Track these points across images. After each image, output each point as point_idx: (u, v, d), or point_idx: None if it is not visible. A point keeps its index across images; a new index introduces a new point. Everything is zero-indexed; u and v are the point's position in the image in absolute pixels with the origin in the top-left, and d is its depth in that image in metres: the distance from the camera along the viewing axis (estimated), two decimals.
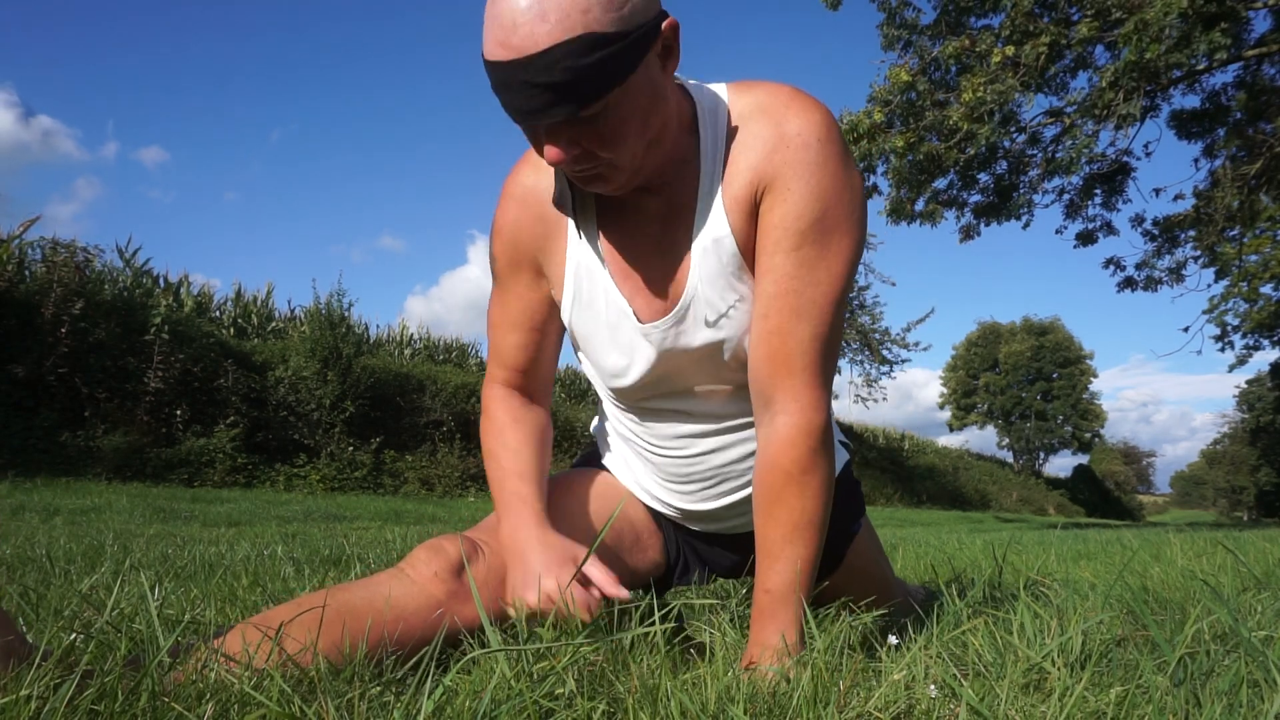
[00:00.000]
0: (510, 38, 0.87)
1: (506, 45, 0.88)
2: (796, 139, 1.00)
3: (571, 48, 0.86)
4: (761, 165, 1.01)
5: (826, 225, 1.00)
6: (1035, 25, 9.04)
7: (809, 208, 1.00)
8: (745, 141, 1.03)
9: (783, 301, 1.01)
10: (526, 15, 0.86)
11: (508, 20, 0.87)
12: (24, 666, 0.79)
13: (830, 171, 1.00)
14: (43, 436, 7.77)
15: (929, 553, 3.49)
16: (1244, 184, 10.97)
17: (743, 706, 0.80)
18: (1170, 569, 2.06)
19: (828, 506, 1.05)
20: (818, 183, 0.99)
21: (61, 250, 8.77)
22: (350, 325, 11.62)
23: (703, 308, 1.07)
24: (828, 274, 1.01)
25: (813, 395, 1.03)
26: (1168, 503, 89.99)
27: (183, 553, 2.57)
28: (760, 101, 1.04)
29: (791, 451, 1.02)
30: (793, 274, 1.01)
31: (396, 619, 1.00)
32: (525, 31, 0.86)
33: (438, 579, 1.05)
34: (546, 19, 0.86)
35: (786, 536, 1.03)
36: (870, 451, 23.12)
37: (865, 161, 10.26)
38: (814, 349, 1.02)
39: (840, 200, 1.01)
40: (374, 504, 8.39)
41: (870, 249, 16.96)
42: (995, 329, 49.03)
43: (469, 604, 1.06)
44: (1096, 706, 0.82)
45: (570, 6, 0.86)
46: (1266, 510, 41.45)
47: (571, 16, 0.86)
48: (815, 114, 1.01)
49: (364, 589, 1.03)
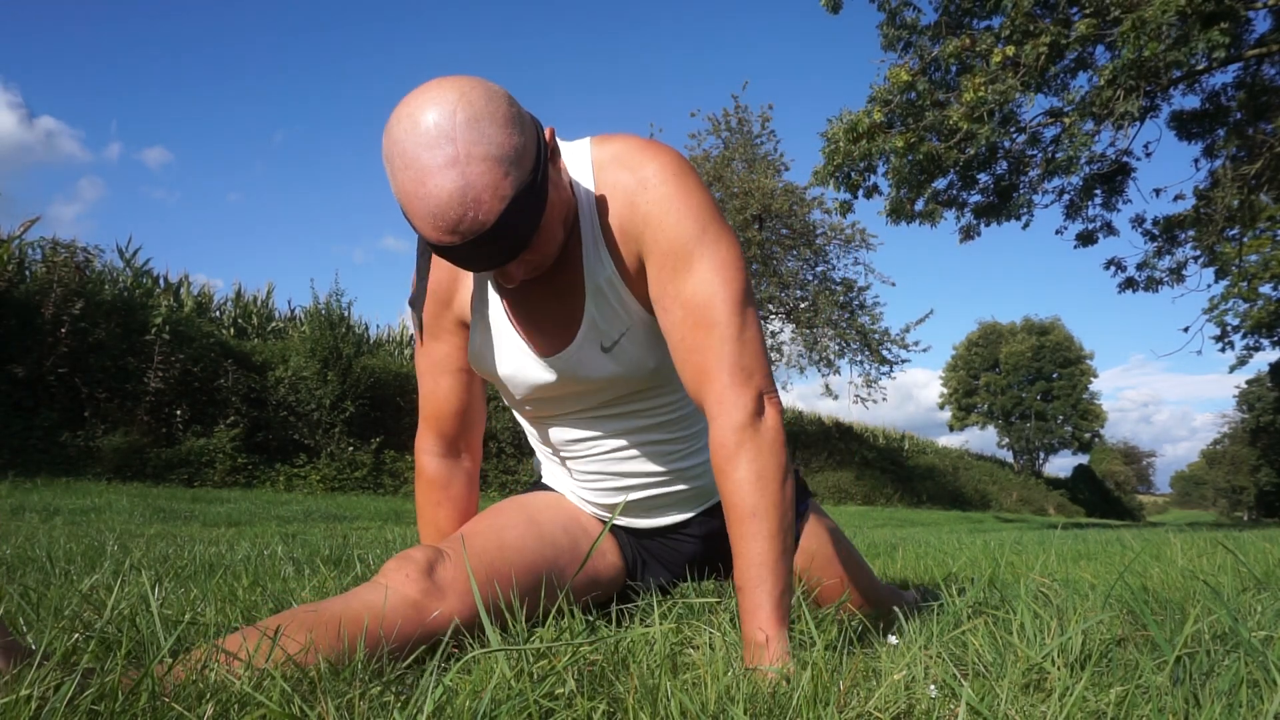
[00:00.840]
0: (456, 226, 0.94)
1: (453, 233, 0.95)
2: (654, 179, 1.11)
3: (508, 214, 0.95)
4: (631, 213, 1.12)
5: (706, 238, 1.10)
6: (1035, 25, 9.04)
7: (685, 229, 1.09)
8: (612, 190, 1.13)
9: (692, 320, 1.10)
10: (461, 204, 0.93)
11: (444, 212, 0.93)
12: (24, 666, 0.79)
13: (692, 193, 1.10)
14: (43, 436, 7.77)
15: (929, 553, 3.49)
16: (1244, 184, 10.97)
17: (743, 706, 0.80)
18: (1170, 569, 2.06)
19: (774, 496, 1.06)
20: (684, 207, 1.10)
21: (61, 250, 8.77)
22: (350, 325, 11.61)
23: (597, 337, 1.19)
24: (721, 280, 1.09)
25: (734, 394, 1.08)
26: (1168, 503, 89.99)
27: (183, 553, 2.57)
28: (617, 153, 1.15)
29: (720, 451, 1.08)
30: (693, 292, 1.10)
31: (375, 618, 1.03)
32: (470, 218, 0.94)
33: (409, 580, 1.09)
34: (481, 202, 0.94)
35: (736, 531, 1.07)
36: (870, 452, 23.10)
37: (865, 161, 10.26)
38: (727, 351, 1.09)
39: (709, 212, 1.11)
40: (374, 504, 8.39)
41: (870, 249, 16.96)
42: (996, 329, 49.01)
43: (443, 600, 1.10)
44: (1096, 706, 0.82)
45: (493, 179, 0.94)
46: (1266, 510, 41.44)
47: (500, 189, 0.94)
48: (665, 155, 1.12)
49: (341, 600, 1.06)
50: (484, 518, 1.30)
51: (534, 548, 1.26)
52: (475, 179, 0.92)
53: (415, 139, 0.93)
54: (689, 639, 1.16)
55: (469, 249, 0.96)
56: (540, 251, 1.05)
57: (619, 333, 1.18)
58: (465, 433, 1.37)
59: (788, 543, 1.06)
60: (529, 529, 1.29)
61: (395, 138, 0.94)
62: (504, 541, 1.23)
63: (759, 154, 16.47)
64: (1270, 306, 15.59)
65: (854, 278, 17.03)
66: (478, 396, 1.36)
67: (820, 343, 17.05)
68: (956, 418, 48.56)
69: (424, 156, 0.92)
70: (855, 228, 16.61)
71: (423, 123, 0.93)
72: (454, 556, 1.15)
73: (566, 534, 1.34)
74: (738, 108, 16.46)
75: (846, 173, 10.47)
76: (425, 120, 0.92)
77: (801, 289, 16.82)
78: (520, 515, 1.32)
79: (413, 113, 0.93)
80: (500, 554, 1.20)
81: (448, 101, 0.93)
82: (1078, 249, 12.60)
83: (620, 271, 1.15)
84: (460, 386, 1.32)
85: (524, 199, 0.96)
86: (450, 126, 0.92)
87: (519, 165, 0.95)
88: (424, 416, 1.37)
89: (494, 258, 0.99)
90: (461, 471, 1.39)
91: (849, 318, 16.92)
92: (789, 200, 16.07)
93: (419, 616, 1.07)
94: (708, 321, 1.09)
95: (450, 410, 1.34)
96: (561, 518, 1.37)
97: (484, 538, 1.22)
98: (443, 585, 1.11)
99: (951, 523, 14.94)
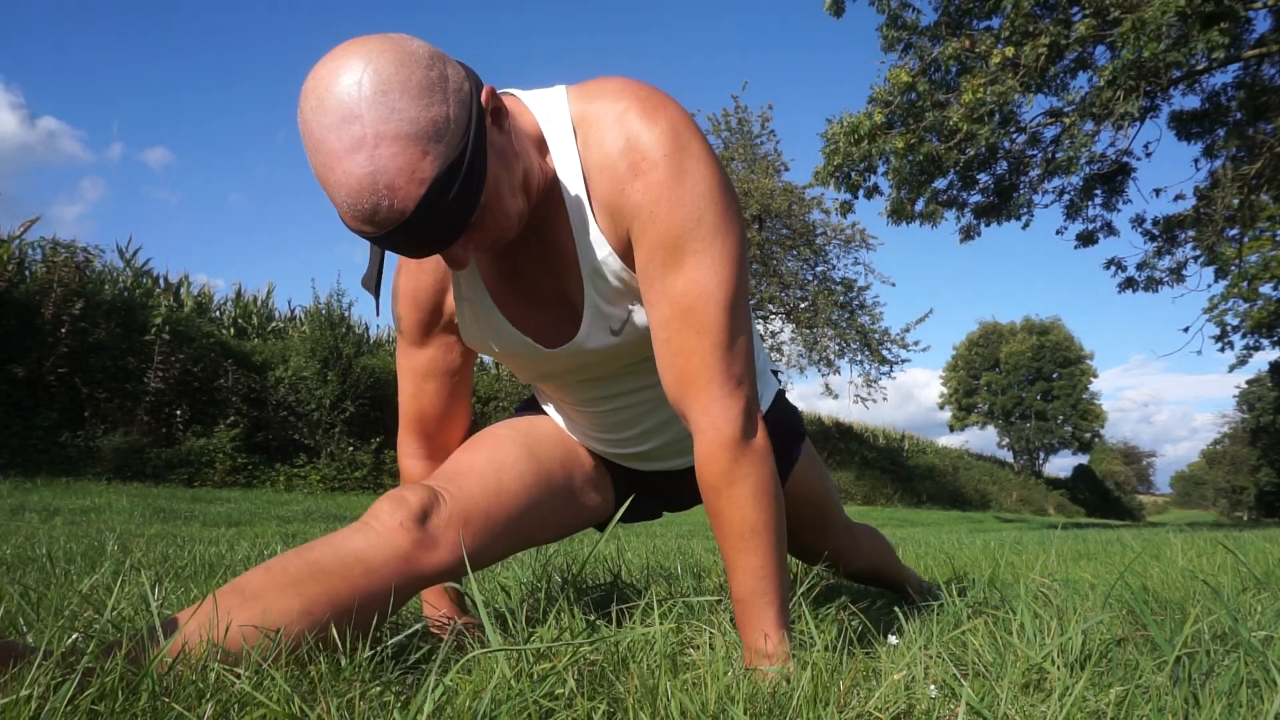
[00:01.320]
0: (372, 217, 0.85)
1: (371, 222, 0.85)
2: (645, 162, 0.97)
3: (431, 197, 0.85)
4: (620, 198, 0.99)
5: (702, 233, 0.98)
6: (1035, 26, 9.04)
7: (678, 223, 0.97)
8: (599, 162, 1.00)
9: (680, 321, 1.00)
10: (374, 192, 0.83)
11: (357, 201, 0.84)
12: (24, 665, 0.79)
13: (689, 179, 0.97)
14: (43, 436, 7.77)
15: (929, 553, 3.49)
16: (1244, 184, 10.97)
17: (743, 706, 0.80)
18: (1170, 569, 2.06)
19: (770, 509, 1.03)
20: (678, 197, 0.97)
21: (61, 250, 8.77)
22: (350, 325, 11.62)
23: (604, 322, 1.09)
24: (715, 280, 0.99)
25: (721, 407, 1.01)
26: (1168, 503, 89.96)
27: (183, 553, 2.57)
28: (602, 115, 1.00)
29: (713, 467, 1.03)
30: (683, 291, 0.99)
31: (365, 572, 1.01)
32: (386, 207, 0.84)
33: (402, 529, 1.05)
34: (395, 189, 0.83)
35: (734, 547, 1.04)
36: (870, 451, 23.10)
37: (866, 162, 10.26)
38: (716, 359, 1.00)
39: (709, 204, 0.98)
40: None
41: (870, 249, 16.96)
42: (996, 329, 49.01)
43: (435, 552, 1.07)
44: (1096, 706, 0.82)
45: (408, 160, 0.83)
46: (1266, 510, 41.44)
47: (417, 171, 0.83)
48: (660, 123, 0.97)
49: (330, 546, 1.03)
50: (484, 447, 1.24)
51: (531, 489, 1.22)
52: (386, 162, 0.82)
53: (321, 118, 0.82)
54: (689, 639, 1.16)
55: (391, 238, 0.87)
56: (492, 229, 0.94)
57: (626, 311, 1.09)
58: (449, 433, 1.32)
59: (784, 550, 1.06)
60: (528, 466, 1.24)
61: (304, 116, 0.84)
62: (501, 484, 1.18)
63: (759, 154, 16.48)
64: (1270, 306, 15.59)
65: (854, 278, 17.05)
66: (463, 398, 1.30)
67: (820, 343, 17.05)
68: (957, 418, 48.54)
69: (330, 139, 0.82)
70: (855, 228, 16.63)
71: (327, 99, 0.82)
72: (449, 502, 1.11)
73: (563, 469, 1.30)
74: (738, 108, 16.48)
75: (847, 173, 10.47)
76: (329, 95, 0.82)
77: (801, 289, 16.82)
78: (520, 448, 1.26)
79: (317, 86, 0.82)
80: (497, 499, 1.17)
81: (352, 71, 0.81)
82: (1078, 249, 12.62)
83: (616, 249, 1.04)
84: (446, 390, 1.27)
85: (449, 178, 0.85)
86: (355, 102, 0.81)
87: (441, 140, 0.84)
88: (406, 419, 1.31)
89: (425, 245, 0.89)
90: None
91: (849, 318, 16.92)
92: (788, 200, 16.08)
93: (410, 570, 1.04)
94: (698, 325, 0.99)
95: (434, 414, 1.29)
96: (559, 452, 1.31)
97: (482, 477, 1.18)
98: (435, 534, 1.07)
99: (951, 523, 14.94)
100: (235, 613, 0.92)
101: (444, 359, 1.24)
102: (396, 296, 1.21)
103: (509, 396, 12.29)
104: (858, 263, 17.06)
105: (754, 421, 1.04)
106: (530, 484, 1.22)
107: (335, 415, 10.42)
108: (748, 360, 1.04)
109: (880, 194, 11.00)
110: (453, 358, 1.25)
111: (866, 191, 10.86)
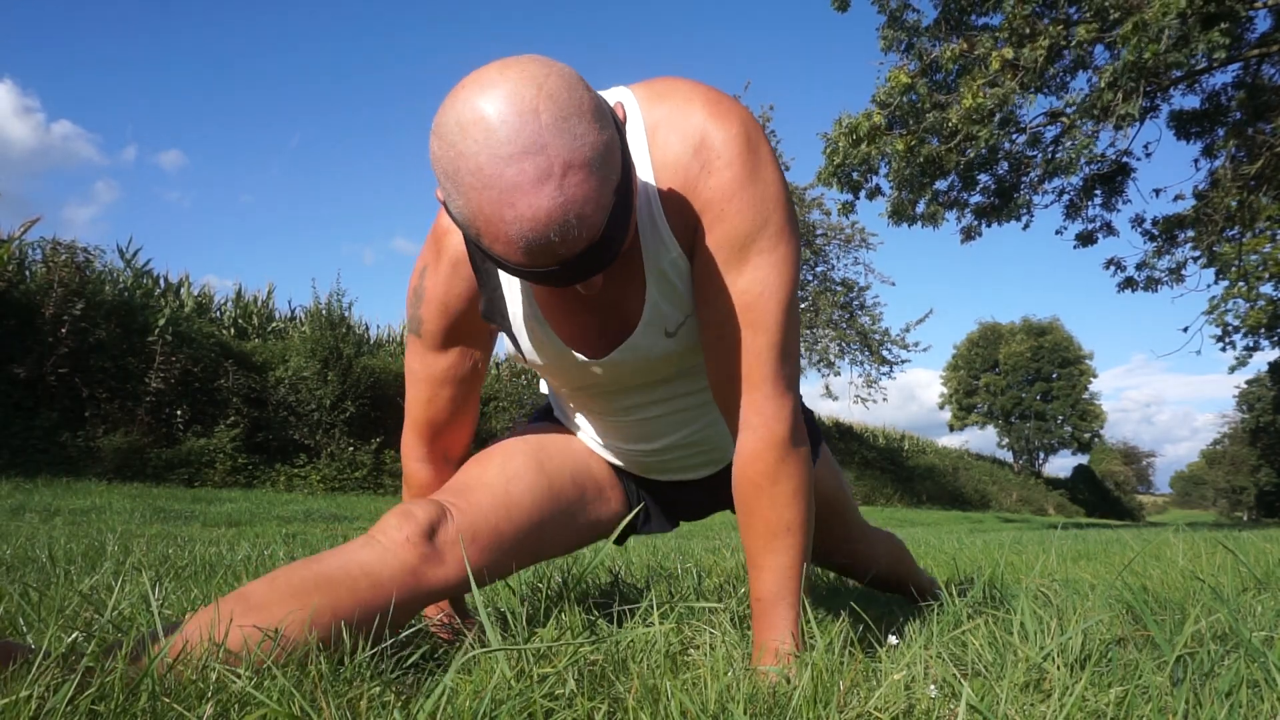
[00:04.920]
0: (556, 248, 0.80)
1: (549, 254, 0.81)
2: (719, 160, 0.97)
3: (610, 223, 0.82)
4: (691, 195, 0.99)
5: (769, 233, 0.99)
6: (1035, 27, 9.03)
7: (747, 223, 0.98)
8: (672, 165, 0.99)
9: (740, 318, 1.01)
10: (564, 225, 0.79)
11: (541, 235, 0.79)
12: (23, 665, 0.79)
13: (760, 181, 0.98)
14: (43, 437, 7.77)
15: (929, 552, 3.49)
16: (1244, 184, 10.96)
17: (743, 706, 0.80)
18: (1170, 569, 2.06)
19: (805, 511, 1.05)
20: (750, 197, 0.98)
21: (62, 250, 8.76)
22: (350, 325, 11.61)
23: (661, 323, 1.08)
24: (777, 281, 1.00)
25: (774, 406, 1.03)
26: (1168, 503, 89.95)
27: (183, 553, 2.57)
28: (674, 116, 0.99)
29: (758, 464, 1.04)
30: (744, 289, 1.00)
31: (371, 586, 1.00)
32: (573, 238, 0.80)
33: (409, 543, 1.05)
34: (585, 218, 0.79)
35: (766, 545, 1.05)
36: (870, 451, 23.10)
37: (866, 164, 10.27)
38: (771, 358, 1.02)
39: (776, 206, 0.99)
40: (374, 504, 8.38)
41: (870, 249, 16.97)
42: (996, 329, 49.01)
43: (442, 567, 1.07)
44: (1096, 706, 0.82)
45: (594, 188, 0.79)
46: (1266, 510, 41.44)
47: (601, 199, 0.80)
48: (733, 125, 0.97)
49: (336, 559, 1.03)
50: (494, 461, 1.23)
51: (541, 505, 1.21)
52: (574, 191, 0.78)
53: (493, 150, 0.76)
54: (689, 639, 1.16)
55: (565, 268, 0.83)
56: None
57: (684, 315, 1.07)
58: (455, 437, 1.31)
59: (810, 553, 1.07)
60: (538, 480, 1.23)
61: (463, 149, 0.77)
62: (511, 499, 1.17)
63: None
64: (1270, 306, 15.58)
65: (854, 278, 17.06)
66: (473, 404, 1.28)
67: (820, 343, 17.06)
68: (957, 418, 48.53)
69: (509, 173, 0.76)
70: (855, 228, 16.64)
71: (501, 130, 0.76)
72: (457, 517, 1.11)
73: (575, 485, 1.29)
74: None
75: (848, 173, 10.48)
76: (504, 126, 0.76)
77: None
78: (530, 463, 1.24)
79: (483, 116, 0.76)
80: (506, 514, 1.16)
81: (526, 98, 0.76)
82: (1077, 249, 12.62)
83: (686, 250, 1.03)
84: (460, 397, 1.24)
85: (623, 201, 0.83)
86: (536, 131, 0.76)
87: (610, 163, 0.81)
88: (414, 422, 1.28)
89: (588, 272, 0.85)
90: (445, 478, 1.32)
91: (849, 318, 16.94)
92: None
93: (416, 585, 1.04)
94: (757, 323, 1.00)
95: (444, 419, 1.26)
96: (571, 465, 1.30)
97: (491, 492, 1.17)
98: (443, 549, 1.07)
99: (951, 523, 14.94)
100: (238, 620, 0.92)
101: (462, 366, 1.22)
102: (422, 300, 1.16)
103: (509, 397, 12.28)
104: (858, 263, 17.11)
105: (801, 424, 1.06)
106: (540, 500, 1.21)
107: (335, 415, 10.42)
108: (798, 364, 1.06)
109: (882, 195, 11.01)
110: (470, 365, 1.22)
111: (869, 193, 10.87)
